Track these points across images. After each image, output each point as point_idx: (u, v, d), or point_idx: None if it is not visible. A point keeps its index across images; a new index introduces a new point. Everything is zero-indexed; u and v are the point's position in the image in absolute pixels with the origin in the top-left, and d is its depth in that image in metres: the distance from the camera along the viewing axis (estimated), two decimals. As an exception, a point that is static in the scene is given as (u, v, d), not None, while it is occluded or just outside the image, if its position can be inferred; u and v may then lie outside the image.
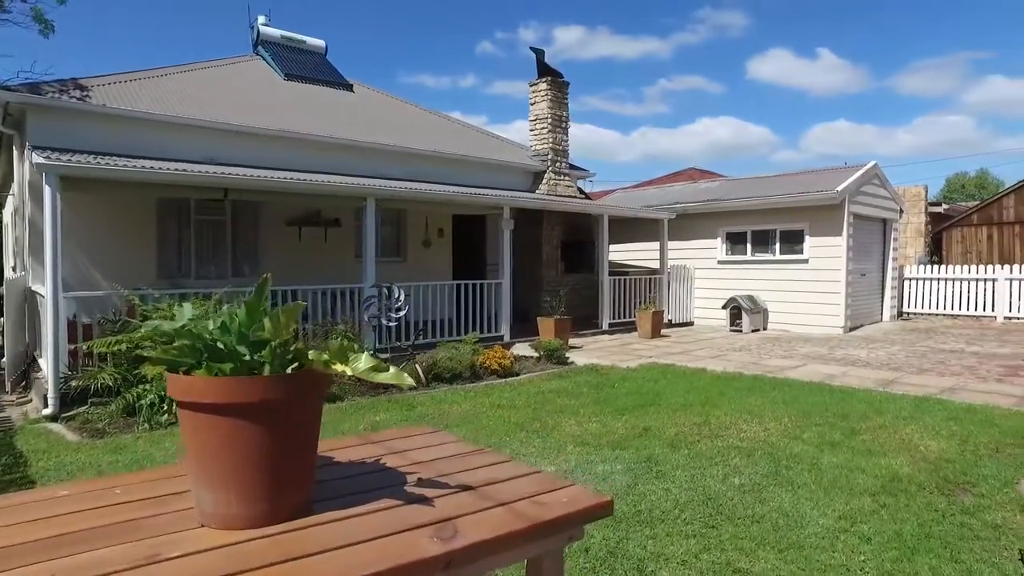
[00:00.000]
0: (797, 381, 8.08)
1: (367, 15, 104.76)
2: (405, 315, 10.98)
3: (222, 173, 8.38)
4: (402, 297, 8.20)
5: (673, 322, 14.77)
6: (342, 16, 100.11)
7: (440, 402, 7.19)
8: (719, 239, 15.06)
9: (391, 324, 8.27)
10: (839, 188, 12.61)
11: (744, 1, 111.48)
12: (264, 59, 15.77)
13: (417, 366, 8.25)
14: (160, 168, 8.03)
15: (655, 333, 12.77)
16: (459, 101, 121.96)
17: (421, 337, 9.37)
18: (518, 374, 9.15)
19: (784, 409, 6.46)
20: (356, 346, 1.78)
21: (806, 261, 13.53)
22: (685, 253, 15.50)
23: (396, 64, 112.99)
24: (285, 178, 8.89)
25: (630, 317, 13.68)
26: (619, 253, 17.08)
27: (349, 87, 16.16)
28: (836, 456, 4.83)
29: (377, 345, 9.36)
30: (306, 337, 8.57)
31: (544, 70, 15.69)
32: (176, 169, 8.15)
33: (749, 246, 14.58)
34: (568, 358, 10.17)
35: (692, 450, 5.09)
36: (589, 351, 11.05)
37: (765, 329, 14.05)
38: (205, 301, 7.80)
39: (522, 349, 10.92)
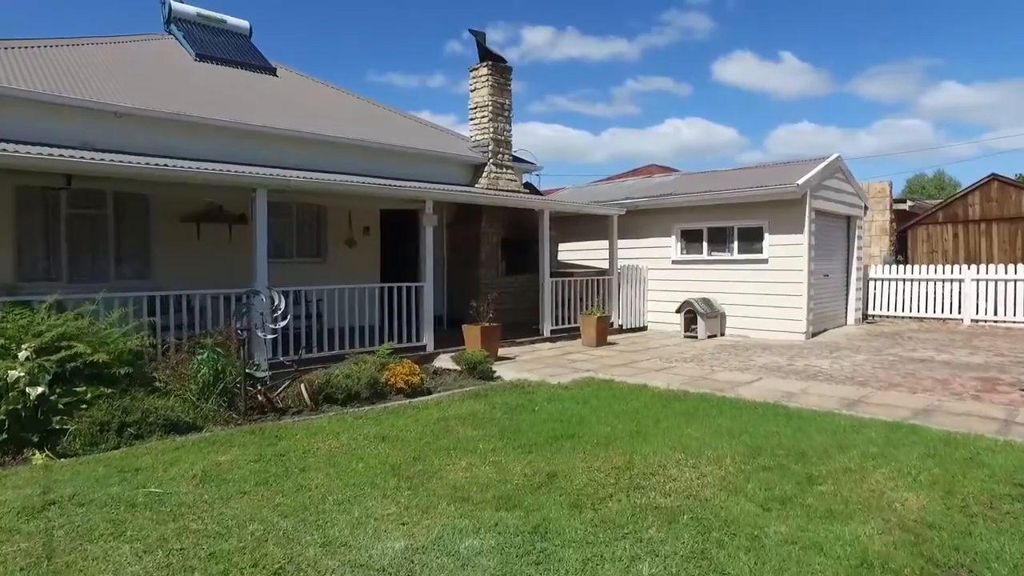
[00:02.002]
0: (749, 402, 6.91)
1: (334, 13, 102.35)
2: (319, 324, 9.64)
3: (59, 155, 6.93)
4: (283, 305, 6.84)
5: (624, 327, 13.61)
6: (308, 13, 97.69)
7: (315, 433, 5.86)
8: (673, 237, 13.94)
9: (269, 337, 6.91)
10: (800, 181, 11.55)
11: (708, 5, 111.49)
12: (176, 38, 14.27)
13: (303, 386, 6.91)
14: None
15: (600, 341, 11.58)
16: (428, 100, 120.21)
17: (307, 351, 8.02)
18: (430, 392, 7.85)
19: (728, 444, 5.27)
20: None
21: (765, 261, 12.46)
22: (638, 252, 14.35)
23: (365, 64, 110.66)
24: (144, 164, 7.47)
25: (575, 322, 12.47)
26: (569, 253, 15.90)
27: (272, 71, 14.73)
28: (786, 522, 3.62)
29: (269, 359, 8.01)
30: (177, 350, 7.17)
31: (485, 54, 14.45)
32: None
33: (705, 245, 13.48)
34: (494, 372, 8.90)
35: (599, 512, 3.85)
36: (522, 363, 9.80)
37: (722, 335, 12.96)
38: (29, 311, 6.40)
39: (446, 361, 9.63)
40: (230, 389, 6.64)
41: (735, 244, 13.01)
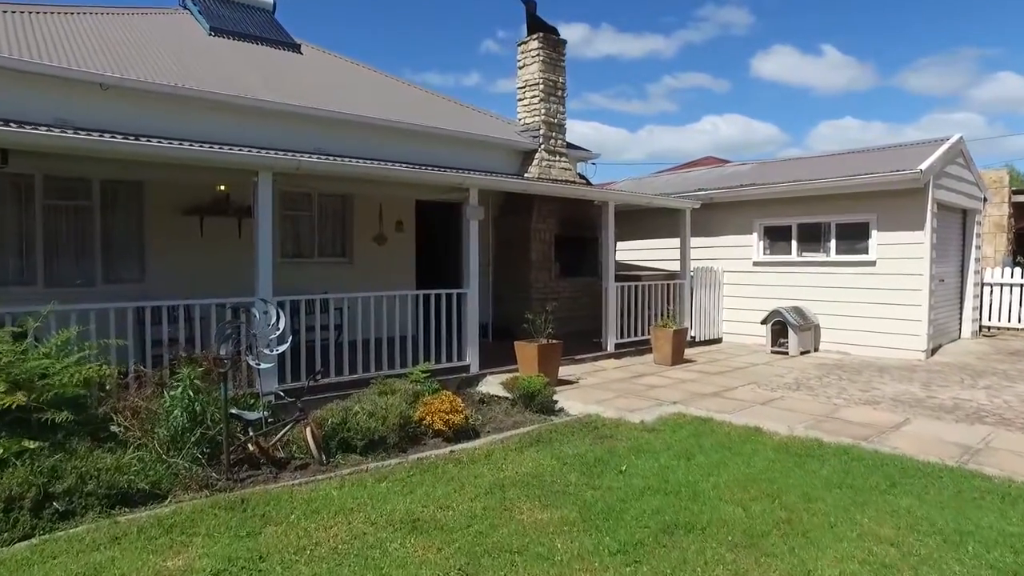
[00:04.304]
0: (921, 464, 4.96)
1: (371, 12, 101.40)
2: (343, 337, 7.99)
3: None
4: (282, 323, 5.12)
5: (697, 339, 11.66)
6: (343, 12, 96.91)
7: (317, 510, 4.12)
8: (755, 235, 11.93)
9: (264, 366, 5.20)
10: (923, 167, 9.44)
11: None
12: (191, 12, 12.76)
13: (309, 430, 5.17)
14: None
15: (676, 358, 9.66)
16: (464, 99, 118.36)
17: (322, 376, 6.30)
18: (477, 434, 6.07)
19: (955, 558, 3.35)
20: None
21: (872, 263, 10.39)
22: (711, 252, 12.38)
23: (401, 63, 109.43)
24: (97, 138, 5.80)
25: (642, 334, 10.58)
26: (628, 253, 13.99)
27: (295, 48, 13.13)
28: None
29: (275, 389, 6.34)
30: (158, 378, 5.50)
31: (535, 25, 12.63)
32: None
33: (794, 243, 11.45)
34: (556, 403, 7.08)
35: None
36: (587, 388, 7.96)
37: (816, 350, 10.93)
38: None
39: (494, 386, 7.85)
40: (213, 436, 4.96)
41: (832, 243, 10.96)
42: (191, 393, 5.00)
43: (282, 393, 5.55)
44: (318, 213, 10.37)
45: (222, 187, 8.98)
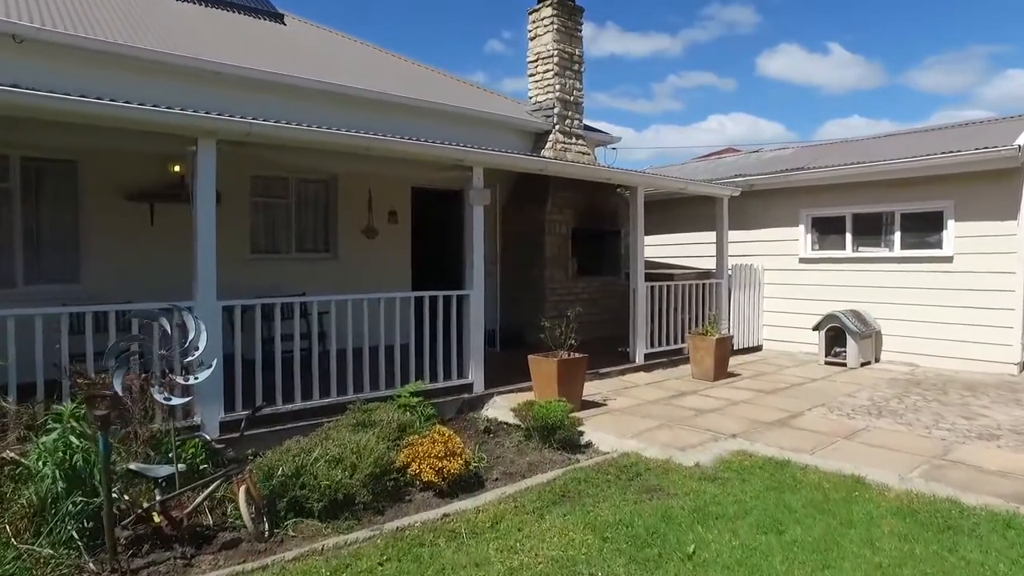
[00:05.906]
0: None
1: (371, 9, 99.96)
2: (321, 346, 6.55)
3: None
4: (202, 341, 3.59)
5: (735, 347, 10.06)
6: (345, 11, 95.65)
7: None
8: (801, 227, 10.35)
9: (176, 402, 3.65)
10: (1020, 142, 7.85)
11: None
12: (160, -22, 11.25)
13: (243, 491, 3.64)
14: None
15: (720, 372, 8.09)
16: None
17: (277, 401, 4.77)
18: (481, 484, 4.56)
19: None
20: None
21: (948, 259, 8.80)
22: (748, 248, 10.81)
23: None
24: None
25: (674, 343, 9.04)
26: (651, 248, 12.38)
27: (278, 18, 11.64)
28: None
29: (222, 418, 4.82)
30: (19, 419, 3.97)
31: (549, -11, 11.06)
32: None
33: (849, 237, 9.86)
34: (581, 434, 5.55)
35: None
36: (618, 414, 6.39)
37: (877, 361, 9.33)
38: None
39: (502, 410, 6.31)
40: (101, 504, 3.44)
41: (896, 236, 9.37)
42: (71, 439, 3.48)
43: (207, 438, 4.00)
44: (296, 200, 8.83)
45: (177, 168, 7.45)
